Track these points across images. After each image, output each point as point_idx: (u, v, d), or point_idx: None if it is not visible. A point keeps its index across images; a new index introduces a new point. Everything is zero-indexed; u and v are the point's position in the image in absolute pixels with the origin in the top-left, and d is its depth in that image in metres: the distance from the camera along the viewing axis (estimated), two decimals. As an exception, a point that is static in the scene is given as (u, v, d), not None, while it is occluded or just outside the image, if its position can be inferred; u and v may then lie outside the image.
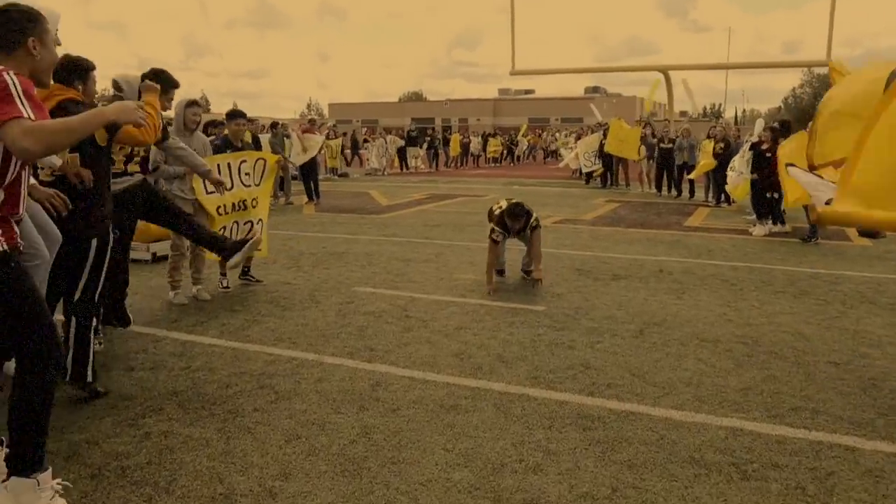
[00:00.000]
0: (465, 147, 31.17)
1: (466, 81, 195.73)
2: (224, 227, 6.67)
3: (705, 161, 14.43)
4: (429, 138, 28.72)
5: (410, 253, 9.02)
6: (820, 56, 19.25)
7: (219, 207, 6.59)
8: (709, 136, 15.19)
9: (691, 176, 15.58)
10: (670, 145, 16.45)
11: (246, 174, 7.07)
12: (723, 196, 14.51)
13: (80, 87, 4.11)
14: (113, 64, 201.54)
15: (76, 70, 4.10)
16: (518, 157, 35.47)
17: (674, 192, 16.83)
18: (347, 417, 3.91)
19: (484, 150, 32.60)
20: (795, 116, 75.19)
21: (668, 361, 4.86)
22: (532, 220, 7.02)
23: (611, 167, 19.21)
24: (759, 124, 12.48)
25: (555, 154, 38.95)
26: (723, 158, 13.75)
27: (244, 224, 6.98)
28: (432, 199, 16.07)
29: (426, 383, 4.43)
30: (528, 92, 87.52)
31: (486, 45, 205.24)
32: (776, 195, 10.47)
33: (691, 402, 4.16)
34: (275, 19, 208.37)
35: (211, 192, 6.40)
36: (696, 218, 12.78)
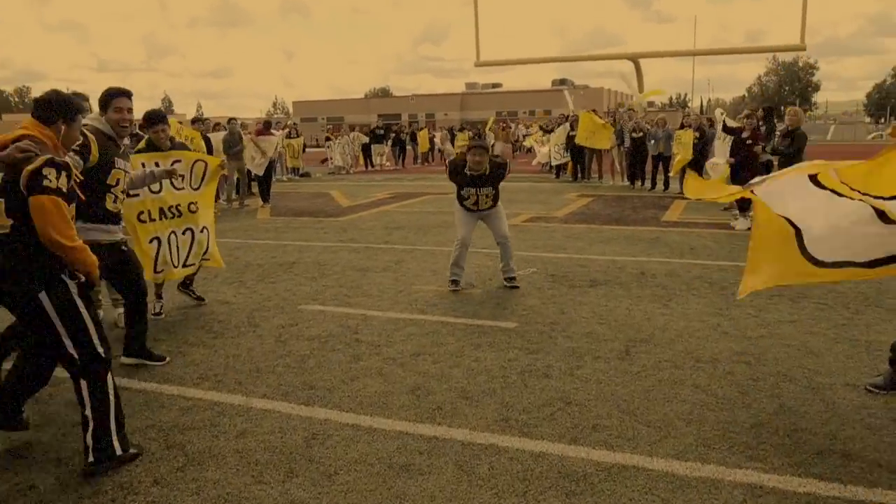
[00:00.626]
0: (431, 142, 30.34)
1: (433, 76, 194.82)
2: (158, 238, 5.86)
3: (683, 154, 13.80)
4: (394, 134, 27.82)
5: (368, 261, 8.20)
6: (793, 40, 18.73)
7: (140, 213, 5.76)
8: (683, 126, 14.56)
9: (672, 173, 14.88)
10: (641, 135, 15.80)
11: (180, 176, 6.22)
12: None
13: (62, 128, 3.32)
14: (70, 66, 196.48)
15: (62, 109, 3.33)
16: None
17: (647, 185, 16.19)
18: (270, 489, 3.11)
19: (451, 145, 31.77)
20: (760, 104, 75.90)
21: (661, 391, 4.13)
22: (496, 157, 6.90)
23: (581, 159, 18.52)
24: (719, 114, 11.93)
25: (524, 149, 38.30)
26: (699, 148, 13.13)
27: (183, 233, 6.15)
28: (396, 199, 15.25)
29: (374, 433, 3.64)
30: (495, 86, 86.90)
31: (452, 40, 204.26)
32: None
33: (695, 447, 3.42)
34: (237, 17, 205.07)
35: (134, 196, 5.56)
36: (673, 212, 12.14)
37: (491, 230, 6.92)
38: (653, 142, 15.69)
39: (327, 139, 26.45)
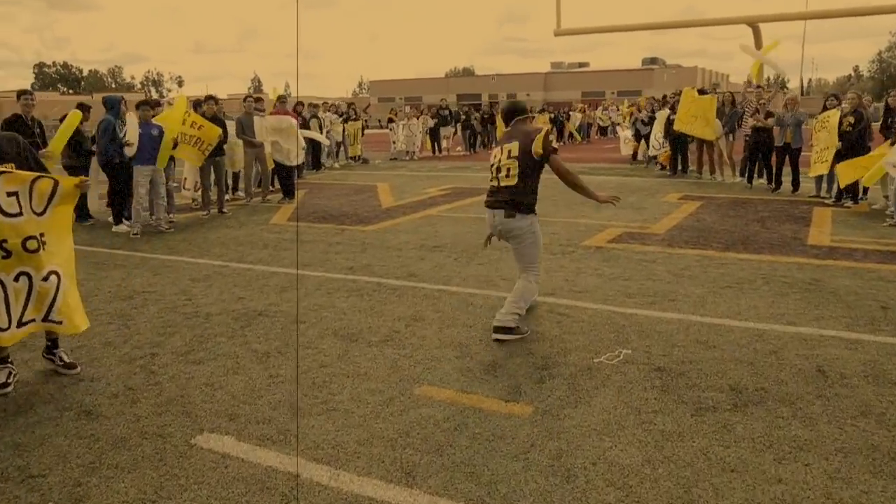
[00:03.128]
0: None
1: (519, 56, 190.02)
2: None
3: (825, 143, 10.37)
4: (464, 116, 24.81)
5: (367, 317, 5.40)
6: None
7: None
8: (826, 108, 11.08)
9: (813, 172, 11.34)
10: (770, 121, 12.33)
11: (7, 195, 3.66)
12: (843, 189, 10.41)
13: None
14: (169, 48, 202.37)
15: None
16: (570, 135, 31.08)
17: (771, 184, 12.71)
18: None
19: (529, 127, 28.51)
20: (882, 83, 68.46)
21: None
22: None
23: (683, 148, 15.11)
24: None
25: (605, 131, 34.58)
26: (854, 138, 9.71)
27: (16, 279, 3.68)
28: (451, 197, 12.39)
29: None
30: (581, 65, 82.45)
31: (535, 20, 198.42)
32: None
33: None
34: (322, 0, 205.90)
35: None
36: (820, 228, 8.79)
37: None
38: (778, 129, 12.23)
39: (390, 121, 23.74)
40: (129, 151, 8.65)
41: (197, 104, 11.39)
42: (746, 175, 13.11)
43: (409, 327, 5.10)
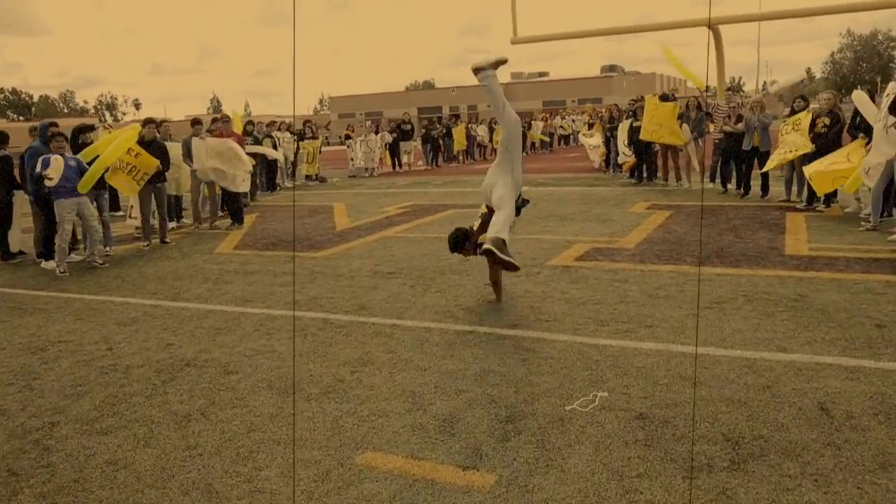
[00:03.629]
0: (470, 139, 26.76)
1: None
2: None
3: (797, 147, 10.02)
4: (424, 130, 24.26)
5: (307, 365, 4.76)
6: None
7: None
8: (794, 111, 10.74)
9: (766, 167, 11.11)
10: (740, 126, 11.98)
11: None
12: (813, 192, 10.04)
13: None
14: (126, 70, 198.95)
15: None
16: (532, 144, 30.72)
17: (738, 190, 12.35)
18: None
19: (490, 139, 28.13)
20: (836, 83, 69.65)
21: None
22: None
23: (649, 155, 14.72)
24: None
25: (567, 139, 34.39)
26: (830, 139, 9.36)
27: None
28: (409, 216, 11.80)
29: None
30: (542, 75, 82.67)
31: (495, 32, 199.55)
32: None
33: None
34: (280, 17, 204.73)
35: None
36: (795, 236, 8.37)
37: None
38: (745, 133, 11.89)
39: (347, 137, 23.08)
40: (49, 183, 7.89)
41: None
42: (719, 180, 12.71)
43: (355, 374, 4.48)
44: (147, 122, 10.60)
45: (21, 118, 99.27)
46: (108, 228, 9.51)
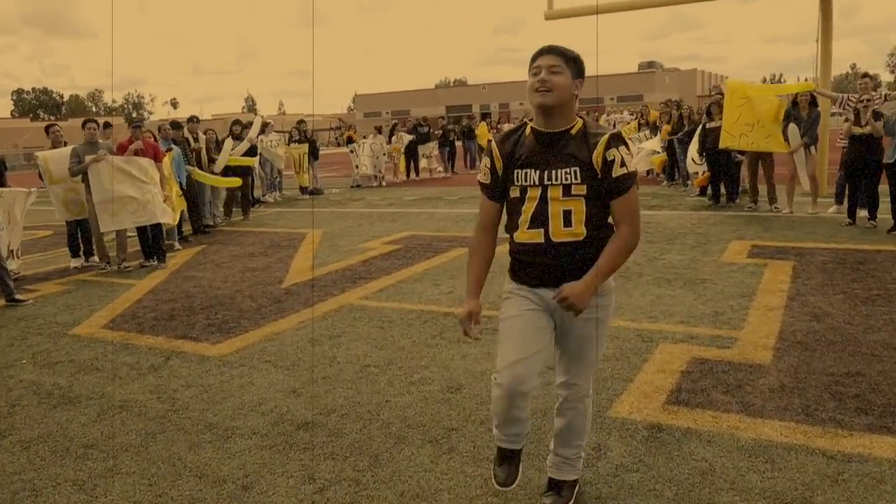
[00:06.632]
0: (495, 139, 23.11)
1: (512, 67, 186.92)
2: None
3: None
4: (440, 131, 20.52)
5: None
6: None
7: None
8: None
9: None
10: (867, 128, 8.19)
11: None
12: None
13: None
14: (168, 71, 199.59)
15: None
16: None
17: (871, 219, 8.50)
18: None
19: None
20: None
21: None
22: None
23: (729, 168, 10.87)
24: None
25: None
26: None
27: None
28: (396, 259, 8.20)
29: None
30: (577, 70, 78.53)
31: (529, 29, 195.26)
32: None
33: None
34: (318, 18, 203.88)
35: None
36: None
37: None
38: (889, 139, 8.10)
39: (349, 141, 19.50)
40: None
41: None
42: (846, 204, 8.84)
43: None
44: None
45: (51, 117, 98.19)
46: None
